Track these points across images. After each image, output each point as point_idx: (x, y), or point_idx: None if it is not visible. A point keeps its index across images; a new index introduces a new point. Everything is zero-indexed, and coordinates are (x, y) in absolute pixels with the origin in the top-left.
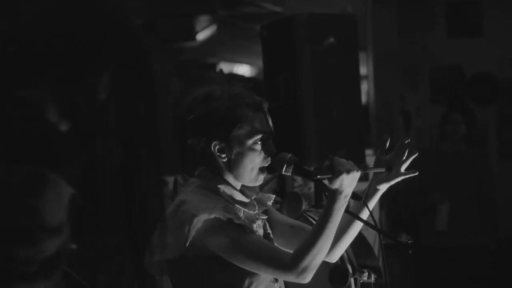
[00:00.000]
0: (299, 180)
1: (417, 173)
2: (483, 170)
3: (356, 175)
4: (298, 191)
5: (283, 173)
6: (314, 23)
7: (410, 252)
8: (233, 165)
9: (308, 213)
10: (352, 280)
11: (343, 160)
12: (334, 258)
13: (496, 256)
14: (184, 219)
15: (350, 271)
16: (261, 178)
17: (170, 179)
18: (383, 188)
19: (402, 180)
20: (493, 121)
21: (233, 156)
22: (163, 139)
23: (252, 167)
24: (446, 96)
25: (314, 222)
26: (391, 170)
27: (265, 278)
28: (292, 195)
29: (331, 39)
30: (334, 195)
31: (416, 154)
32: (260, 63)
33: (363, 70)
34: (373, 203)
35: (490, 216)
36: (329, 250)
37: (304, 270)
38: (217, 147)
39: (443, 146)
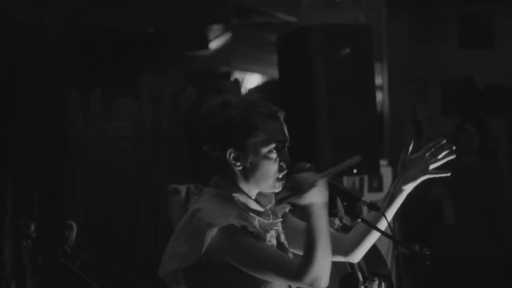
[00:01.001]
0: None
1: (449, 174)
2: (495, 181)
3: (320, 183)
4: None
5: None
6: (329, 34)
7: (428, 263)
8: (249, 174)
9: None
10: None
11: (302, 176)
12: (356, 258)
13: (505, 268)
14: (199, 227)
15: (361, 279)
16: (279, 186)
17: (183, 188)
18: (408, 188)
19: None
20: (504, 132)
21: (248, 165)
22: (179, 149)
23: (268, 176)
24: (457, 107)
25: None
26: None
27: (279, 285)
28: None
29: (346, 49)
30: (308, 210)
31: (454, 156)
32: (272, 72)
33: (377, 80)
34: (397, 204)
35: (500, 227)
36: (351, 252)
37: (314, 278)
38: (232, 155)
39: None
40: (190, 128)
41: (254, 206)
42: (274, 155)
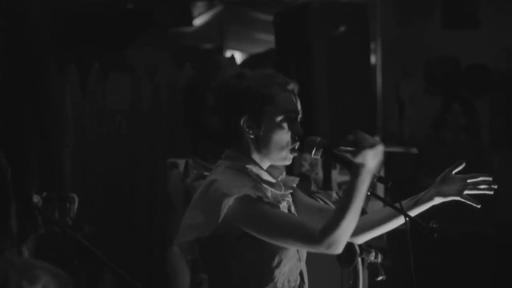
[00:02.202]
0: (306, 165)
1: (479, 206)
2: (481, 159)
3: (379, 149)
4: None
5: (313, 156)
6: (327, 11)
7: (435, 235)
8: (261, 143)
9: (317, 194)
10: (359, 259)
11: (366, 135)
12: (359, 241)
13: (494, 244)
14: (215, 198)
15: (358, 250)
16: (290, 158)
17: (181, 162)
18: (437, 200)
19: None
20: (486, 111)
21: (261, 133)
22: (176, 123)
23: (280, 145)
24: (440, 86)
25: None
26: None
27: (292, 256)
28: (301, 176)
29: (343, 28)
30: (357, 169)
31: (491, 193)
32: (254, 49)
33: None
34: (420, 208)
35: (489, 204)
36: (359, 233)
37: (334, 243)
38: (247, 122)
39: (444, 134)
40: (189, 103)
41: (267, 177)
42: (286, 125)
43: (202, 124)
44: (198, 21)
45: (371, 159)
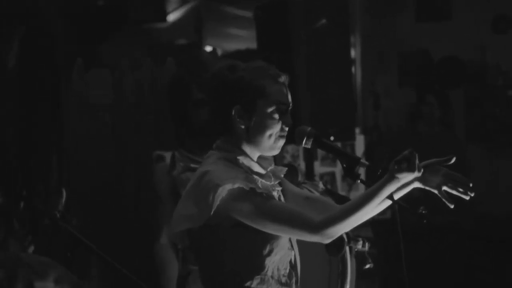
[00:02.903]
0: (288, 157)
1: (452, 206)
2: (456, 151)
3: (415, 176)
4: None
5: (303, 145)
6: (308, 4)
7: (425, 222)
8: (252, 133)
9: (304, 185)
10: (347, 248)
11: (417, 161)
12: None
13: (471, 235)
14: (208, 189)
15: (346, 239)
16: (279, 146)
17: (168, 155)
18: (415, 185)
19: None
20: (461, 103)
21: (252, 124)
22: (161, 116)
23: (270, 135)
24: (413, 79)
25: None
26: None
27: (284, 245)
28: (288, 167)
29: (324, 21)
30: (392, 179)
31: (467, 198)
32: (229, 45)
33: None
34: (400, 193)
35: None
36: None
37: (332, 235)
38: (238, 113)
39: (418, 127)
40: (175, 96)
41: (257, 168)
42: (277, 116)
43: (188, 117)
44: (172, 17)
45: (405, 179)
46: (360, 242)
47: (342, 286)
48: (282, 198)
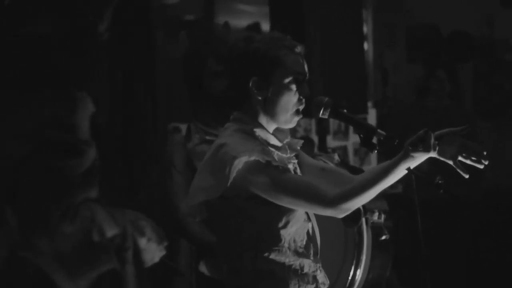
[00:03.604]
0: (300, 130)
1: (467, 176)
2: (467, 123)
3: (430, 155)
4: None
5: (320, 116)
6: None
7: (441, 191)
8: (269, 104)
9: (320, 157)
10: (363, 219)
11: (433, 140)
12: None
13: (480, 208)
14: (225, 161)
15: (362, 211)
16: (295, 120)
17: (183, 127)
18: (431, 155)
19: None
20: (469, 78)
21: (269, 94)
22: (176, 88)
23: (287, 107)
24: (422, 55)
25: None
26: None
27: (300, 217)
28: (304, 139)
29: None
30: (407, 157)
31: (481, 167)
32: (239, 22)
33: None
34: (416, 162)
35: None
36: None
37: (346, 209)
38: (255, 84)
39: (428, 101)
40: (190, 69)
41: (273, 141)
42: (294, 87)
43: (204, 89)
44: None
45: (420, 158)
46: (376, 214)
47: (358, 257)
48: (298, 171)
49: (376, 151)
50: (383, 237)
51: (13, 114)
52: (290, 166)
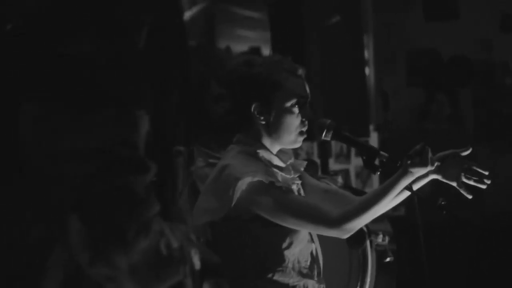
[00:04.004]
0: (302, 154)
1: (470, 197)
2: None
3: (427, 170)
4: None
5: (323, 138)
6: (320, 1)
7: (444, 213)
8: (272, 128)
9: (324, 179)
10: (368, 241)
11: (430, 154)
12: None
13: (481, 231)
14: (229, 182)
15: (366, 232)
16: (300, 140)
17: (185, 150)
18: (432, 177)
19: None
20: (469, 102)
21: (271, 119)
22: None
23: (290, 130)
24: (422, 79)
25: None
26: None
27: (303, 238)
28: (308, 161)
29: (337, 17)
30: (406, 173)
31: (484, 187)
32: (239, 47)
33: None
34: (418, 185)
35: (476, 191)
36: None
37: (350, 230)
38: (257, 109)
39: (428, 124)
40: (191, 92)
41: (277, 162)
42: (296, 109)
43: (206, 112)
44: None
45: (419, 173)
46: (380, 236)
47: (363, 279)
48: (301, 192)
49: (378, 173)
50: (388, 259)
51: (72, 134)
52: (294, 187)
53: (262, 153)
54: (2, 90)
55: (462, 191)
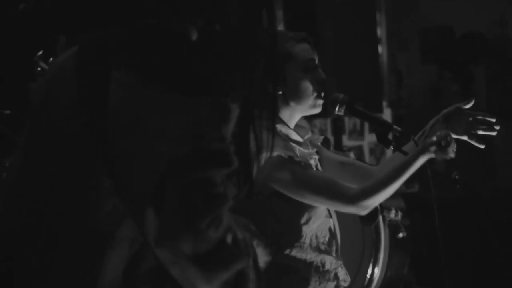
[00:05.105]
0: (316, 131)
1: (483, 147)
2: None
3: (446, 156)
4: None
5: (336, 112)
6: None
7: (458, 186)
8: (289, 96)
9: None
10: (380, 217)
11: (453, 141)
12: None
13: (491, 205)
14: None
15: (379, 209)
16: (320, 104)
17: None
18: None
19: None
20: (482, 79)
21: (287, 88)
22: None
23: (308, 93)
24: (435, 56)
25: None
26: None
27: (321, 213)
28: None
29: None
30: (425, 152)
31: (494, 134)
32: None
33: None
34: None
35: (489, 165)
36: None
37: (368, 206)
38: None
39: (441, 102)
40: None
41: (295, 136)
42: (308, 73)
43: None
44: None
45: (439, 155)
46: (393, 212)
47: (376, 255)
48: (319, 167)
49: (392, 147)
50: (400, 235)
51: (170, 114)
52: (312, 162)
53: (280, 127)
54: (95, 53)
55: (473, 143)
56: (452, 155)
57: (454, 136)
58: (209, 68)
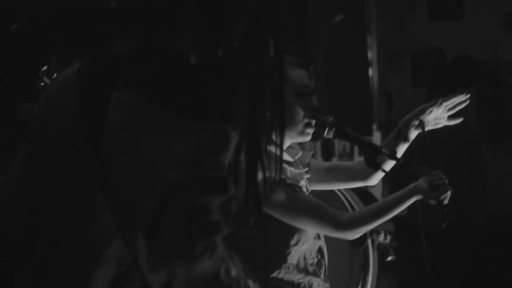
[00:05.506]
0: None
1: (461, 119)
2: (473, 148)
3: (436, 196)
4: None
5: (325, 135)
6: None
7: (446, 211)
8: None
9: None
10: (369, 240)
11: (446, 182)
12: (374, 182)
13: (485, 231)
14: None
15: (368, 232)
16: (309, 132)
17: None
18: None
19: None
20: (474, 103)
21: None
22: None
23: (297, 121)
24: (427, 79)
25: None
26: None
27: (311, 235)
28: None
29: (341, 17)
30: (417, 190)
31: (466, 103)
32: None
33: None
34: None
35: (481, 191)
36: (369, 176)
37: (357, 233)
38: None
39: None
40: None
41: (286, 157)
42: (301, 100)
43: None
44: None
45: (428, 195)
46: (382, 235)
47: (364, 278)
48: (308, 187)
49: (380, 170)
50: (389, 258)
51: (171, 139)
52: (302, 183)
53: (270, 148)
54: (95, 73)
55: (453, 123)
56: (446, 201)
57: (428, 128)
58: (212, 93)
